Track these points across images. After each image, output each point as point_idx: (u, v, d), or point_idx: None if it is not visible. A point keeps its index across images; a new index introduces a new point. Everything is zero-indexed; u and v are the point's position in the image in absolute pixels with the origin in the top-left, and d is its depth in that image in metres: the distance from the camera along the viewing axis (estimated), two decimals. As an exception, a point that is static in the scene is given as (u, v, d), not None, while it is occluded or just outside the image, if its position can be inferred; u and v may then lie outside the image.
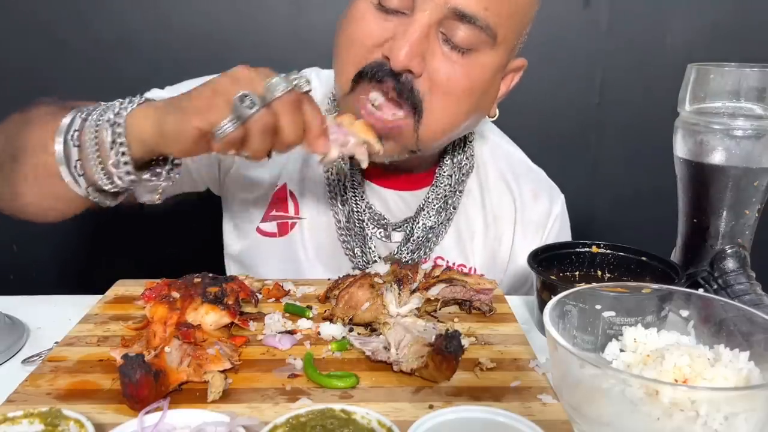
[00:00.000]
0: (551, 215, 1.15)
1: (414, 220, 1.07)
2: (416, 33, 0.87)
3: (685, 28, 1.81)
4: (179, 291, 0.78)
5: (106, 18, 1.70)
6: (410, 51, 0.87)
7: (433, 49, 0.89)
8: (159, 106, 0.80)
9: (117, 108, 0.80)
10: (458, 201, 1.10)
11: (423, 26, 0.87)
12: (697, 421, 0.59)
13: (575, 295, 0.77)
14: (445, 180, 1.08)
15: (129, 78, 1.69)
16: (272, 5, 1.72)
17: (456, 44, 0.89)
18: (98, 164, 0.80)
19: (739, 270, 0.90)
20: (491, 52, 0.92)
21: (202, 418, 0.58)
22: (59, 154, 0.80)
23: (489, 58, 0.92)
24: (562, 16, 1.80)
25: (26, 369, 0.74)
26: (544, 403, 0.65)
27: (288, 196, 1.10)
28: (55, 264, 1.82)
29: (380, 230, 1.07)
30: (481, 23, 0.88)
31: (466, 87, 0.92)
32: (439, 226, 1.08)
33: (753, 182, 0.88)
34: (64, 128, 0.81)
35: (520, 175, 1.15)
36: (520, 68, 1.03)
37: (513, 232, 1.14)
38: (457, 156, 1.10)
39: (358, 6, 0.93)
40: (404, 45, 0.87)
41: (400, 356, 0.71)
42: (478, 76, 0.92)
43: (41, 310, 0.92)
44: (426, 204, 1.07)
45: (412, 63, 0.87)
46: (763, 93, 0.85)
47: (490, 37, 0.90)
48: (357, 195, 1.06)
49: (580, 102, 1.87)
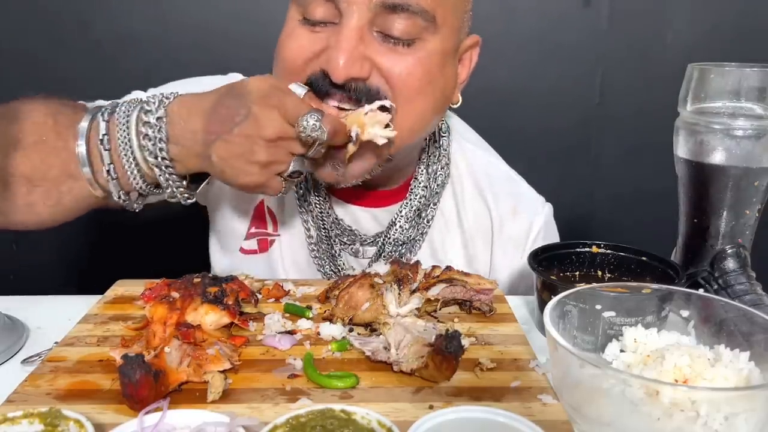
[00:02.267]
0: (531, 232, 1.11)
1: (385, 235, 1.04)
2: (349, 39, 0.83)
3: (686, 28, 1.81)
4: (179, 291, 0.78)
5: (106, 17, 1.71)
6: (348, 59, 0.83)
7: (374, 48, 0.86)
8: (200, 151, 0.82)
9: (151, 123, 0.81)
10: (432, 214, 1.07)
11: (355, 30, 0.84)
12: (697, 421, 0.59)
13: (575, 295, 0.77)
14: (419, 191, 1.04)
15: (129, 78, 1.69)
16: (272, 5, 1.72)
17: (397, 37, 0.86)
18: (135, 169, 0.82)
19: (739, 270, 0.90)
20: (435, 36, 0.88)
21: (202, 418, 0.58)
22: (82, 156, 0.81)
23: (435, 43, 0.89)
24: (562, 16, 1.80)
25: (26, 369, 0.74)
26: (544, 403, 0.65)
27: (266, 212, 1.10)
28: (55, 264, 1.83)
29: (350, 246, 1.06)
30: (415, 8, 0.84)
31: (423, 76, 0.88)
32: (412, 241, 1.06)
33: (753, 182, 0.88)
34: (84, 130, 0.81)
35: (498, 190, 1.11)
36: (475, 45, 0.99)
37: (491, 250, 1.11)
38: (433, 165, 1.06)
39: (287, 25, 0.90)
40: (339, 54, 0.83)
41: (400, 356, 0.71)
42: (432, 63, 0.89)
43: (41, 310, 0.92)
44: (398, 218, 1.04)
45: (352, 70, 0.84)
46: (763, 93, 0.85)
47: (429, 22, 0.86)
48: (323, 211, 1.04)
49: (580, 102, 1.87)
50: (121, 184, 0.83)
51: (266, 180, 0.82)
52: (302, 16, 0.88)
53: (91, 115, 0.83)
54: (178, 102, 0.83)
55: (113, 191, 0.83)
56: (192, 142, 0.81)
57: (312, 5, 0.86)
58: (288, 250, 1.09)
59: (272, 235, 1.09)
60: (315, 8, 0.86)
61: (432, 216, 1.07)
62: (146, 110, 0.81)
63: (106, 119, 0.82)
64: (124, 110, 0.82)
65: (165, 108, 0.82)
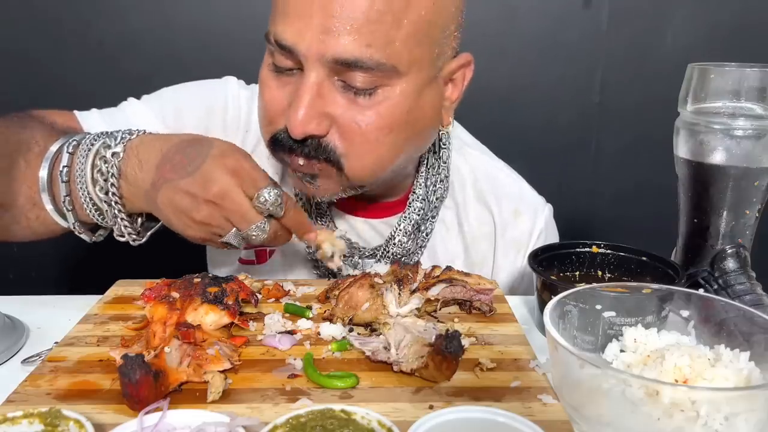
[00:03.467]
0: (533, 233, 1.12)
1: (384, 249, 1.04)
2: (306, 96, 0.82)
3: (685, 28, 1.81)
4: (179, 291, 0.78)
5: (106, 18, 1.71)
6: (305, 117, 0.82)
7: (334, 100, 0.84)
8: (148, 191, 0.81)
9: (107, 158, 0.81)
10: (431, 227, 1.07)
11: (312, 86, 0.82)
12: (697, 421, 0.59)
13: (575, 295, 0.77)
14: (417, 205, 1.04)
15: (129, 78, 1.69)
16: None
17: (357, 88, 0.83)
18: (90, 203, 0.82)
19: (739, 270, 0.90)
20: (401, 81, 0.84)
21: (202, 418, 0.58)
22: (42, 183, 0.82)
23: (401, 88, 0.84)
24: (562, 16, 1.80)
25: (26, 369, 0.74)
26: (544, 403, 0.65)
27: None
28: (55, 264, 1.83)
29: (350, 259, 1.05)
30: (371, 64, 0.80)
31: (384, 127, 0.85)
32: (410, 255, 1.06)
33: (753, 182, 0.88)
34: (50, 156, 0.82)
35: (499, 193, 1.11)
36: (467, 64, 0.94)
37: (494, 253, 1.11)
38: (432, 178, 1.06)
39: (263, 71, 0.90)
40: (296, 113, 0.82)
41: (400, 356, 0.71)
42: (393, 111, 0.85)
43: (41, 310, 0.92)
44: (396, 232, 1.04)
45: (308, 129, 0.83)
46: (763, 93, 0.85)
47: (390, 70, 0.82)
48: (324, 222, 1.04)
49: (580, 102, 1.87)
50: (78, 216, 0.84)
51: (208, 237, 0.82)
52: (272, 60, 0.87)
53: (60, 145, 0.83)
54: (140, 140, 0.83)
55: (69, 222, 0.84)
56: (141, 182, 0.80)
57: (277, 55, 0.86)
58: (288, 260, 1.08)
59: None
60: (280, 58, 0.85)
61: (431, 229, 1.08)
62: (107, 144, 0.81)
63: (70, 151, 0.82)
64: (89, 142, 0.82)
65: (125, 144, 0.81)
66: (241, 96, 1.07)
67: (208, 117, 1.05)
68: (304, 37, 0.81)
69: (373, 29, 0.80)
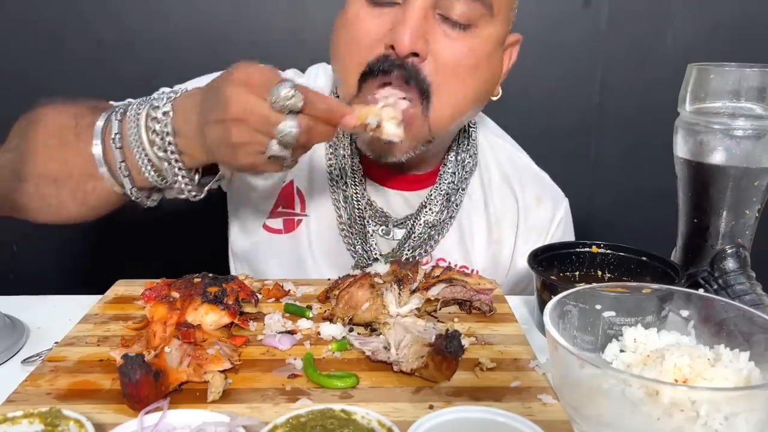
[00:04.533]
0: (554, 220, 1.15)
1: (416, 217, 1.07)
2: (415, 16, 0.88)
3: (685, 28, 1.81)
4: (179, 291, 0.78)
5: (106, 18, 1.70)
6: (413, 34, 0.87)
7: (433, 30, 0.90)
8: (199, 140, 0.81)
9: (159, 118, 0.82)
10: (461, 199, 1.10)
11: (419, 9, 0.88)
12: (697, 421, 0.59)
13: (575, 295, 0.77)
14: (448, 177, 1.08)
15: (129, 78, 1.69)
16: (272, 5, 1.72)
17: (455, 21, 0.90)
18: (148, 165, 0.83)
19: (739, 270, 0.90)
20: (490, 24, 0.93)
21: (202, 418, 0.58)
22: (98, 156, 0.84)
23: (489, 30, 0.93)
24: (562, 16, 1.80)
25: (26, 369, 0.74)
26: (544, 403, 0.65)
27: (295, 192, 1.11)
28: (55, 264, 1.82)
29: (382, 227, 1.08)
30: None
31: (471, 64, 0.93)
32: (441, 223, 1.08)
33: (753, 182, 0.88)
34: (99, 131, 0.84)
35: (524, 179, 1.15)
36: (516, 43, 1.04)
37: (515, 236, 1.14)
38: (461, 154, 1.10)
39: (352, 6, 0.93)
40: (406, 30, 0.87)
41: (400, 356, 0.71)
42: (482, 51, 0.93)
43: (41, 310, 0.92)
44: (428, 201, 1.07)
45: (416, 46, 0.88)
46: (763, 93, 0.85)
47: (486, 9, 0.91)
48: (358, 192, 1.06)
49: (580, 102, 1.87)
50: (135, 180, 0.85)
51: (258, 161, 0.78)
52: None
53: (107, 115, 0.85)
54: (184, 96, 0.84)
55: (127, 188, 0.85)
56: (193, 132, 0.81)
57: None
58: (316, 230, 1.10)
59: (299, 215, 1.10)
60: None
61: (461, 201, 1.10)
62: (154, 106, 0.83)
63: (119, 118, 0.84)
64: (135, 108, 0.84)
65: (171, 103, 0.83)
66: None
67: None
68: None
69: None
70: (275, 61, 0.82)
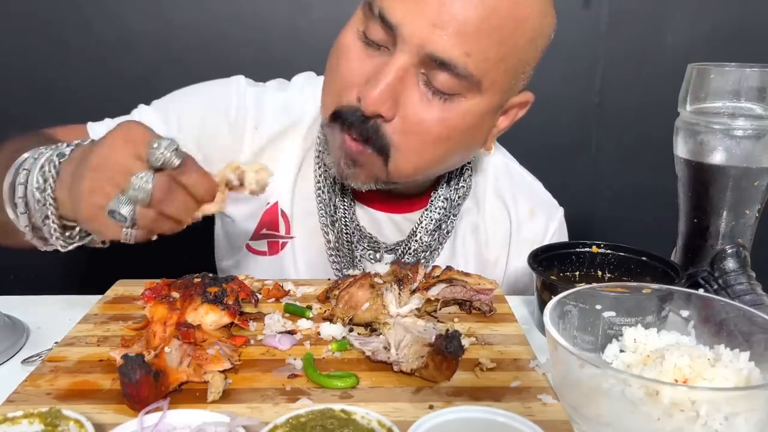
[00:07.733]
0: (548, 232, 1.13)
1: (406, 244, 1.05)
2: (390, 76, 0.82)
3: (685, 28, 1.81)
4: (179, 291, 0.78)
5: (106, 18, 1.71)
6: (381, 95, 0.82)
7: (410, 92, 0.84)
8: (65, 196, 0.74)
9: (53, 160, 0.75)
10: (452, 225, 1.08)
11: (398, 69, 0.82)
12: (697, 421, 0.59)
13: (575, 295, 0.77)
14: (440, 203, 1.05)
15: (129, 78, 1.70)
16: (272, 5, 1.72)
17: (436, 88, 0.84)
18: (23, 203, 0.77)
19: (739, 270, 0.90)
20: (477, 97, 0.86)
21: (202, 418, 0.58)
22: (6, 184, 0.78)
23: (474, 103, 0.86)
24: (562, 16, 1.79)
25: (26, 369, 0.74)
26: (544, 403, 0.65)
27: (279, 215, 1.08)
28: (55, 264, 1.82)
29: (370, 252, 1.06)
30: (461, 71, 0.82)
31: (440, 133, 0.87)
32: (432, 251, 1.06)
33: (753, 182, 0.88)
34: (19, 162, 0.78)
35: (517, 192, 1.13)
36: (525, 104, 0.98)
37: (507, 254, 1.12)
38: (454, 179, 1.07)
39: (346, 36, 0.89)
40: (376, 89, 0.82)
41: (400, 356, 0.71)
42: (458, 123, 0.87)
43: (41, 310, 0.92)
44: (419, 227, 1.05)
45: (382, 108, 0.83)
46: (763, 93, 0.85)
47: (473, 84, 0.84)
48: (347, 216, 1.04)
49: (580, 102, 1.87)
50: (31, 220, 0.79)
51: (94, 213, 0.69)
52: (363, 29, 0.86)
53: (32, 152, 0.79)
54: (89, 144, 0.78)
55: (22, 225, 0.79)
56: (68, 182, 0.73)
57: (372, 26, 0.85)
58: (301, 252, 1.08)
59: (284, 237, 1.08)
60: (375, 30, 0.85)
61: (452, 227, 1.08)
62: (60, 150, 0.77)
63: (35, 156, 0.78)
64: (52, 148, 0.78)
65: (75, 147, 0.77)
66: (247, 93, 1.07)
67: (211, 118, 1.05)
68: (413, 21, 0.80)
69: (479, 40, 0.81)
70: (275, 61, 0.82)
